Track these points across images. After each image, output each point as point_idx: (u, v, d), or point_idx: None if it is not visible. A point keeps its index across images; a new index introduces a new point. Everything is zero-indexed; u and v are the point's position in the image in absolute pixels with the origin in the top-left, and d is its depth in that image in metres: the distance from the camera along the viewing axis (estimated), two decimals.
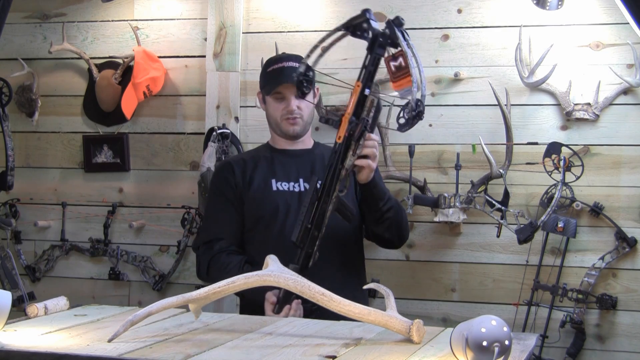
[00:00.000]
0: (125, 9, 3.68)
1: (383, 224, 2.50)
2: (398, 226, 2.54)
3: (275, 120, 2.59)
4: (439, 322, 3.30)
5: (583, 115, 3.16)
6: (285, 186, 2.55)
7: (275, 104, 2.57)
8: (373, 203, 2.45)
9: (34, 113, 3.74)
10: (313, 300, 1.76)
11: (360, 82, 2.13)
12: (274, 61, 2.60)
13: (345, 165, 2.20)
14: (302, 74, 2.22)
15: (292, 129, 2.57)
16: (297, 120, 2.56)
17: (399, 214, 2.53)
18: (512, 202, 3.15)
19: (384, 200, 2.46)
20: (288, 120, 2.56)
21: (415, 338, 1.73)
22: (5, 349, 1.64)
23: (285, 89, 2.53)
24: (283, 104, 2.55)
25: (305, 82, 2.23)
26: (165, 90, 3.63)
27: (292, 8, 3.49)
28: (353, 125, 2.15)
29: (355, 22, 2.14)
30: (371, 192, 2.42)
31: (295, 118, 2.55)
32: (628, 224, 3.15)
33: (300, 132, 2.59)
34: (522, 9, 3.23)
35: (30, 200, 3.77)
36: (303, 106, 2.55)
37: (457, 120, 3.32)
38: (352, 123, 2.15)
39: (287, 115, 2.55)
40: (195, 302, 1.82)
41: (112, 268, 3.66)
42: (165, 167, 3.65)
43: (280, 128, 2.59)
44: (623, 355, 3.17)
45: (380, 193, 2.44)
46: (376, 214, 2.48)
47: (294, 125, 2.56)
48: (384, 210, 2.47)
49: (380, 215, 2.48)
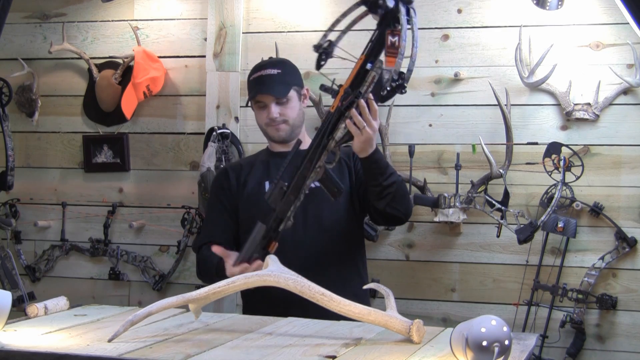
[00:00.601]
0: (125, 9, 3.68)
1: (384, 199, 2.43)
2: (400, 201, 2.47)
3: (261, 127, 2.62)
4: (439, 322, 3.30)
5: (583, 115, 3.16)
6: None
7: (258, 111, 2.59)
8: (373, 176, 2.40)
9: (34, 113, 3.74)
10: (313, 300, 1.77)
11: (364, 55, 2.12)
12: (255, 69, 2.61)
13: (335, 137, 2.17)
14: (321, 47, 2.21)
15: (278, 135, 2.58)
16: (280, 127, 2.56)
17: (402, 187, 2.47)
18: (512, 202, 3.15)
19: (385, 174, 2.39)
20: (272, 127, 2.57)
21: (415, 338, 1.73)
22: (5, 349, 1.64)
23: (264, 98, 2.54)
24: (265, 112, 2.56)
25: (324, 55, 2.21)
26: (165, 90, 3.63)
27: (292, 8, 3.49)
28: (347, 95, 2.13)
29: None
30: (370, 166, 2.37)
31: (278, 124, 2.55)
32: (628, 224, 3.15)
33: (286, 136, 2.58)
34: (522, 9, 3.23)
35: (30, 200, 3.77)
36: (287, 111, 2.54)
37: (457, 120, 3.32)
38: (347, 94, 2.13)
39: (271, 123, 2.56)
40: (195, 302, 1.82)
41: (112, 268, 3.66)
42: (165, 167, 3.65)
43: (267, 134, 2.62)
44: (623, 355, 3.17)
45: (381, 167, 2.37)
46: (377, 188, 2.41)
47: (278, 131, 2.57)
48: (385, 185, 2.40)
49: (381, 190, 2.41)
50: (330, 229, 2.51)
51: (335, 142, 2.18)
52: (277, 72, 2.55)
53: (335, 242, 2.50)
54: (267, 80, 2.53)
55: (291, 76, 2.59)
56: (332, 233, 2.50)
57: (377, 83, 2.10)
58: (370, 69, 2.10)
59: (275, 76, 2.54)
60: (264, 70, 2.56)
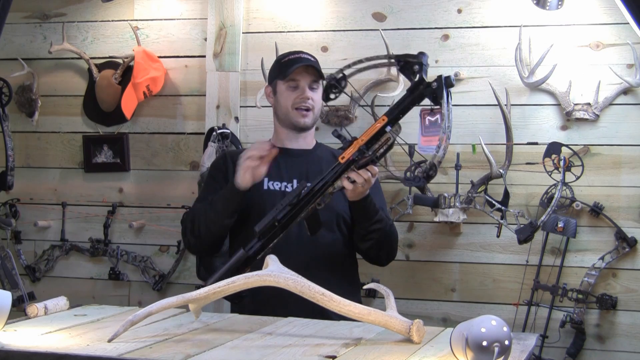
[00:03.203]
0: (125, 9, 3.68)
1: (366, 242, 2.49)
2: (382, 247, 2.51)
3: (286, 110, 2.55)
4: (439, 322, 3.30)
5: (583, 115, 3.16)
6: (277, 186, 2.54)
7: (287, 92, 2.53)
8: (359, 219, 2.45)
9: (34, 113, 3.74)
10: (313, 300, 1.77)
11: (386, 117, 2.13)
12: (289, 53, 2.60)
13: (335, 185, 2.20)
14: (334, 79, 2.23)
15: (303, 121, 2.54)
16: (308, 112, 2.53)
17: (387, 236, 2.49)
18: (512, 202, 3.15)
19: (371, 220, 2.43)
20: (299, 111, 2.53)
21: (415, 338, 1.73)
22: (5, 349, 1.64)
23: (301, 77, 2.51)
24: (296, 93, 2.52)
25: (335, 88, 2.23)
26: (165, 90, 3.63)
27: (292, 8, 3.49)
28: (360, 153, 2.15)
29: (409, 59, 2.14)
30: (357, 210, 2.41)
31: (307, 109, 2.52)
32: (628, 224, 3.15)
33: (309, 124, 2.56)
34: (522, 9, 3.23)
35: (30, 200, 3.77)
36: (316, 98, 2.53)
37: (457, 120, 3.30)
38: (361, 152, 2.15)
39: (300, 104, 2.52)
40: (195, 302, 1.82)
41: (112, 268, 3.66)
42: (165, 167, 3.65)
43: (289, 118, 2.55)
44: (623, 355, 3.17)
45: (368, 213, 2.41)
46: (361, 231, 2.47)
47: (304, 117, 2.53)
48: (370, 230, 2.45)
49: (366, 234, 2.47)
50: (325, 228, 2.51)
51: (333, 189, 2.21)
52: (314, 59, 2.57)
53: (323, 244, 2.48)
54: (307, 61, 2.52)
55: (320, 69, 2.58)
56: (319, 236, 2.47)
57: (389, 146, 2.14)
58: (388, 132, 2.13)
59: (313, 61, 2.55)
60: (301, 54, 2.57)
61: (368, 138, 2.13)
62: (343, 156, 2.17)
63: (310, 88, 2.52)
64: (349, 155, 2.16)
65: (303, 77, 2.51)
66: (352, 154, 2.16)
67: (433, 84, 2.09)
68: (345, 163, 2.17)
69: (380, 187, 2.65)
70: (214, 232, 2.47)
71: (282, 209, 2.21)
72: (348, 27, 3.42)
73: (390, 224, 2.52)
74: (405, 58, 2.15)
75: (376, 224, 2.44)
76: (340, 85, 2.23)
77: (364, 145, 2.14)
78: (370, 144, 2.14)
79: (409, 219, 3.34)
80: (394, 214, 3.26)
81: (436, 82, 2.09)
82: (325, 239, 2.47)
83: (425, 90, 2.11)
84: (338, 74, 2.23)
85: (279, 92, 2.57)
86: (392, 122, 2.13)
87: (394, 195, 3.34)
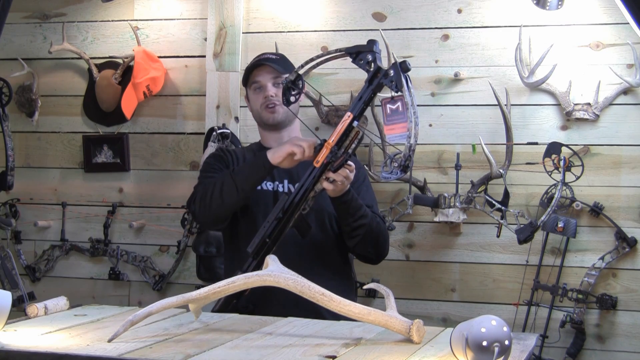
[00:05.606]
0: (125, 9, 3.68)
1: (353, 239, 2.49)
2: (370, 243, 2.51)
3: (257, 112, 2.64)
4: (439, 322, 3.30)
5: (583, 115, 3.16)
6: (270, 186, 2.56)
7: (254, 95, 2.63)
8: (342, 215, 2.45)
9: (34, 113, 3.74)
10: (313, 300, 1.77)
11: (351, 114, 2.16)
12: (254, 59, 2.68)
13: (315, 189, 2.24)
14: (290, 82, 2.26)
15: (272, 117, 2.60)
16: (275, 108, 2.58)
17: (373, 231, 2.49)
18: (512, 202, 3.15)
19: (354, 216, 2.43)
20: (267, 109, 2.59)
21: (415, 338, 1.73)
22: (5, 349, 1.64)
23: (261, 78, 2.59)
24: (262, 94, 2.60)
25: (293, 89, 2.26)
26: (165, 90, 3.64)
27: (292, 8, 3.49)
28: (334, 155, 2.19)
29: (361, 50, 2.17)
30: (339, 205, 2.42)
31: (274, 106, 2.57)
32: (628, 224, 3.15)
33: (280, 119, 2.60)
34: (522, 9, 3.23)
35: (30, 200, 3.77)
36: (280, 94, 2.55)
37: (457, 120, 3.32)
38: (333, 153, 2.19)
39: (266, 103, 2.58)
40: (195, 302, 1.82)
41: (112, 268, 3.66)
42: (165, 167, 3.65)
43: (261, 119, 2.63)
44: (623, 355, 3.17)
45: (350, 208, 2.41)
46: (346, 227, 2.48)
47: (273, 113, 2.59)
48: (354, 226, 2.45)
49: (350, 230, 2.47)
50: (320, 227, 2.52)
51: (314, 192, 2.25)
52: (276, 57, 2.65)
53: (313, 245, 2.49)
54: (265, 61, 2.60)
55: (288, 64, 2.64)
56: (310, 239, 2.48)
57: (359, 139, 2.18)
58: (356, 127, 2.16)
59: (274, 59, 2.63)
60: (263, 56, 2.66)
61: (338, 137, 2.17)
62: (317, 160, 2.21)
63: (274, 85, 2.59)
64: (323, 159, 2.20)
65: (263, 77, 2.59)
66: (325, 156, 2.20)
67: (390, 72, 2.10)
68: (320, 167, 2.21)
69: (370, 185, 2.67)
70: (226, 203, 2.42)
71: (270, 225, 2.26)
72: (348, 27, 3.42)
73: (377, 221, 2.52)
74: (357, 49, 2.17)
75: (360, 219, 2.44)
76: (298, 87, 2.27)
77: (334, 146, 2.18)
78: (341, 142, 2.18)
79: (409, 219, 3.34)
80: (394, 214, 3.26)
81: (392, 69, 2.10)
82: (316, 237, 2.48)
83: (383, 78, 2.12)
84: (292, 75, 2.26)
85: (249, 97, 2.68)
86: (357, 117, 2.16)
87: (394, 195, 3.34)
